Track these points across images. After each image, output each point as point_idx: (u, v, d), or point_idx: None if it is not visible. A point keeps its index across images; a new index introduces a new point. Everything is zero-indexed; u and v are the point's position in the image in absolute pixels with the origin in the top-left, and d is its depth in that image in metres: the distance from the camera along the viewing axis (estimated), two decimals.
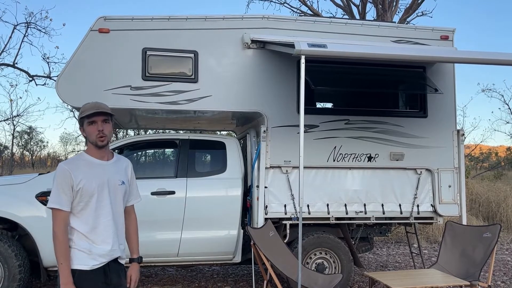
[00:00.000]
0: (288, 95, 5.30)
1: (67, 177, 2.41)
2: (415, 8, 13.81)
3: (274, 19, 5.38)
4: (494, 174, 18.75)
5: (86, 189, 2.44)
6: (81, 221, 2.44)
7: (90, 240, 2.44)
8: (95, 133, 2.49)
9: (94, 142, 2.51)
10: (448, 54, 4.91)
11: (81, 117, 2.51)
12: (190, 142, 5.31)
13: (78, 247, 2.43)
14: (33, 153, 35.18)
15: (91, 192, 2.45)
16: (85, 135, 2.54)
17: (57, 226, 2.38)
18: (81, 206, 2.45)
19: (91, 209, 2.46)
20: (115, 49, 5.01)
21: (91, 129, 2.50)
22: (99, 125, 2.50)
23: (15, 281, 4.63)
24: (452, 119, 5.65)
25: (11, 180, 5.07)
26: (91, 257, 2.43)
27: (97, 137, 2.49)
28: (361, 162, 5.37)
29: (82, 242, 2.43)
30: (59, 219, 2.39)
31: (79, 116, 2.54)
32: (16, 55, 15.52)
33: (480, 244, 4.56)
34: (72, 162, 2.49)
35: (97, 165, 2.53)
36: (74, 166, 2.46)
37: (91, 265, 2.43)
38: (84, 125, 2.52)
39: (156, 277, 6.27)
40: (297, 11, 15.32)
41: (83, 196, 2.44)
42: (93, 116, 2.48)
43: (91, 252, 2.44)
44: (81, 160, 2.52)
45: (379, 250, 8.37)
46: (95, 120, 2.49)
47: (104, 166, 2.55)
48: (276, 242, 4.79)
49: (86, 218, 2.45)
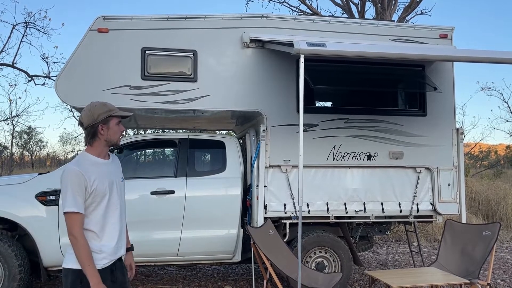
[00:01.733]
0: (288, 94, 5.30)
1: (81, 179, 2.37)
2: (414, 7, 13.82)
3: (273, 18, 5.38)
4: (493, 172, 18.78)
5: (99, 190, 2.43)
6: (92, 221, 2.44)
7: (100, 239, 2.45)
8: (119, 133, 2.54)
9: (115, 141, 2.54)
10: (447, 53, 4.91)
11: (113, 115, 2.50)
12: (190, 141, 5.31)
13: (90, 248, 2.41)
14: (33, 153, 35.15)
15: (103, 192, 2.45)
16: (103, 133, 2.49)
17: (76, 230, 2.34)
18: (93, 206, 2.44)
19: (102, 209, 2.46)
20: (114, 48, 5.01)
21: (118, 128, 2.53)
22: (122, 127, 2.57)
23: (15, 281, 4.63)
24: (451, 117, 5.65)
25: (10, 180, 5.07)
26: (102, 256, 2.43)
27: (119, 137, 2.55)
28: (360, 161, 5.37)
29: (93, 242, 2.43)
30: (77, 222, 2.35)
31: (110, 113, 2.49)
32: (15, 55, 15.53)
33: (480, 243, 4.56)
34: (81, 163, 2.45)
35: (102, 165, 2.52)
36: (84, 168, 2.43)
37: (102, 264, 2.43)
38: (110, 123, 2.50)
39: (156, 276, 6.27)
40: (296, 10, 15.32)
41: (96, 197, 2.43)
42: (123, 117, 2.55)
43: (101, 251, 2.44)
44: (87, 160, 2.49)
45: (378, 249, 8.38)
46: (120, 121, 2.56)
47: (107, 165, 2.56)
48: (276, 241, 4.80)
49: (97, 217, 2.45)
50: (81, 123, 2.51)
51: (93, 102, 2.53)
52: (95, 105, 2.50)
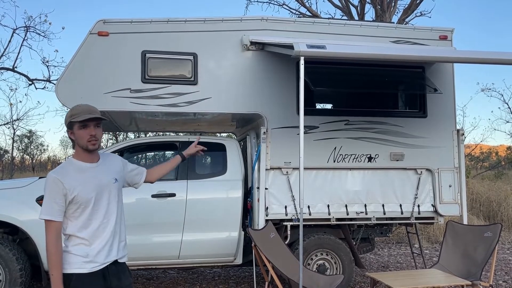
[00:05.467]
0: (288, 96, 5.30)
1: (58, 186, 2.36)
2: (414, 9, 13.82)
3: (273, 21, 5.38)
4: (494, 173, 18.73)
5: (82, 196, 2.40)
6: (78, 226, 2.43)
7: (87, 244, 2.43)
8: (87, 137, 2.44)
9: (85, 146, 2.45)
10: (447, 54, 4.91)
11: (72, 121, 2.44)
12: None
13: (76, 252, 2.41)
14: (33, 157, 35.14)
15: (87, 198, 2.42)
16: (73, 138, 2.47)
17: (49, 237, 2.35)
18: (78, 212, 2.42)
19: (88, 214, 2.44)
20: (114, 52, 5.01)
21: (82, 133, 2.44)
22: (92, 130, 2.45)
23: (16, 285, 4.62)
24: (452, 118, 5.65)
25: (11, 184, 5.08)
26: (88, 260, 2.42)
27: (88, 142, 2.44)
28: (361, 162, 5.37)
29: (79, 247, 2.42)
30: (51, 229, 2.36)
31: (70, 119, 2.44)
32: (15, 59, 15.47)
33: (482, 244, 4.56)
34: (61, 170, 2.43)
35: (88, 169, 2.49)
36: (64, 174, 2.40)
37: (89, 268, 2.41)
38: (74, 128, 2.45)
39: (157, 279, 6.26)
40: (296, 12, 15.33)
41: (80, 203, 2.41)
42: (87, 120, 2.44)
43: (88, 255, 2.42)
44: (71, 166, 2.47)
45: (380, 251, 8.37)
46: (88, 124, 2.44)
47: (94, 168, 2.52)
48: (277, 243, 4.79)
49: (83, 223, 2.43)
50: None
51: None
52: (69, 109, 2.50)
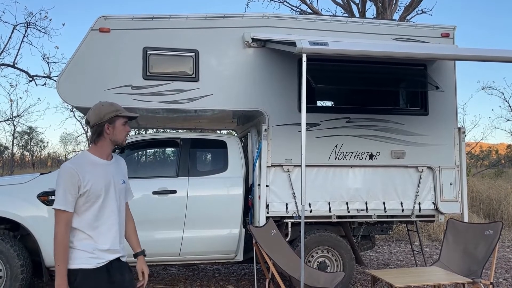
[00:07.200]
0: (289, 93, 5.29)
1: (74, 177, 2.38)
2: (415, 6, 13.80)
3: (275, 18, 5.37)
4: (494, 171, 18.74)
5: (93, 190, 2.42)
6: (85, 221, 2.43)
7: (93, 239, 2.44)
8: (125, 133, 2.56)
9: (121, 141, 2.56)
10: (449, 52, 4.90)
11: (119, 115, 2.52)
12: (191, 141, 5.31)
13: (82, 248, 2.42)
14: (34, 153, 35.12)
15: (98, 193, 2.44)
16: (108, 132, 2.51)
17: (59, 228, 2.36)
18: (86, 206, 2.43)
19: (96, 210, 2.45)
20: (115, 48, 5.00)
21: (124, 129, 2.56)
22: (128, 127, 2.59)
23: (17, 281, 4.63)
24: (453, 116, 5.64)
25: (12, 180, 5.07)
26: (94, 256, 2.43)
27: (125, 137, 2.57)
28: (362, 160, 5.36)
29: (85, 242, 2.42)
30: (63, 220, 2.37)
31: (117, 113, 2.51)
32: (16, 55, 15.55)
33: (482, 242, 4.56)
34: (77, 162, 2.46)
35: (101, 165, 2.52)
36: (80, 166, 2.43)
37: (95, 263, 2.43)
38: (116, 123, 2.52)
39: (158, 276, 6.27)
40: (297, 9, 15.29)
41: (90, 197, 2.42)
42: (129, 118, 2.56)
43: (94, 251, 2.43)
44: (85, 160, 2.50)
45: (380, 248, 8.37)
46: (127, 122, 2.57)
47: (107, 165, 2.55)
48: (278, 240, 4.79)
49: (90, 218, 2.44)
50: (88, 122, 2.53)
51: (100, 102, 2.56)
52: (102, 105, 2.53)
